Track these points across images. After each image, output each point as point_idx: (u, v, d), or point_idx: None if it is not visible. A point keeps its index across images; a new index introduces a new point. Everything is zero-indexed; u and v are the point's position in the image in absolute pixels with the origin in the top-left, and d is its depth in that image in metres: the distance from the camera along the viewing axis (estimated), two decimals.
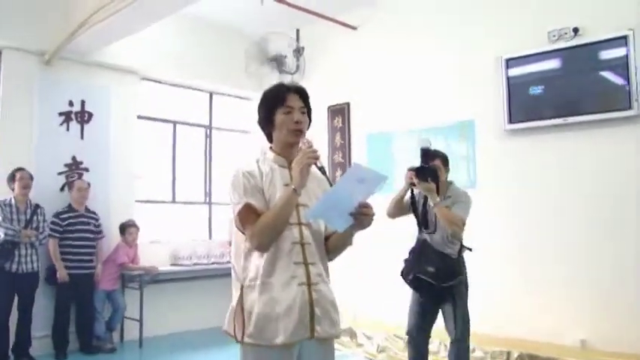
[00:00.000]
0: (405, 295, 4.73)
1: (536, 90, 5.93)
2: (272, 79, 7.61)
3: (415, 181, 4.38)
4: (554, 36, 5.84)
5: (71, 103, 7.14)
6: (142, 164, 8.03)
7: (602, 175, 5.59)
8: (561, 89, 5.82)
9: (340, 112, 7.94)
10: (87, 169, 7.18)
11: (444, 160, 4.61)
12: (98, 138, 7.35)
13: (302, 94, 2.71)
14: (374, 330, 6.76)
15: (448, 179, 4.64)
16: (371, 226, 2.52)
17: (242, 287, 2.56)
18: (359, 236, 2.65)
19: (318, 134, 7.57)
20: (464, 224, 4.39)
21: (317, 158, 2.52)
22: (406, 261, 4.62)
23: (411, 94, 7.13)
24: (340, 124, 7.92)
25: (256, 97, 8.07)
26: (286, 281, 2.49)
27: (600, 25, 5.58)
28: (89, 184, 6.98)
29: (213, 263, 8.14)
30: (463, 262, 4.54)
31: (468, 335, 4.50)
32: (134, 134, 7.80)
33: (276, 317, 2.46)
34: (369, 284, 7.28)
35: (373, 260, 7.17)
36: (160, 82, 8.34)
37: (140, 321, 7.21)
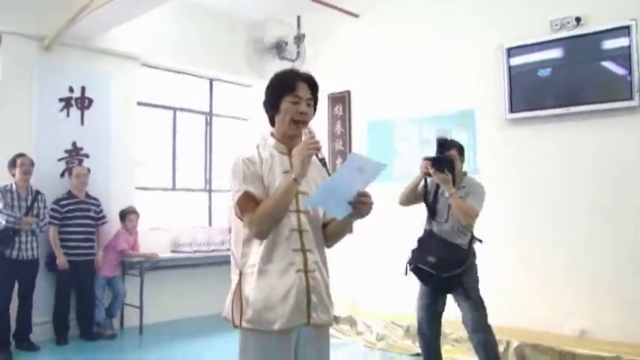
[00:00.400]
0: (404, 283, 4.77)
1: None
2: (272, 66, 7.63)
3: (431, 171, 4.40)
4: (556, 25, 5.87)
5: (71, 89, 7.17)
6: (142, 151, 8.08)
7: (603, 165, 5.63)
8: (563, 79, 5.85)
9: (341, 100, 7.97)
10: (87, 156, 7.23)
11: (460, 150, 4.63)
12: (98, 124, 7.39)
13: (312, 85, 2.74)
14: (373, 318, 6.82)
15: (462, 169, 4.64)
16: (370, 214, 2.55)
17: (241, 273, 2.60)
18: (359, 224, 2.68)
19: (318, 122, 7.56)
20: (477, 215, 4.42)
21: (319, 149, 2.54)
22: (412, 251, 4.64)
23: (411, 83, 7.16)
24: (341, 112, 7.96)
25: (257, 84, 8.10)
26: (284, 268, 2.53)
27: (603, 15, 5.61)
28: (89, 170, 7.01)
29: (213, 250, 8.18)
30: (473, 253, 4.55)
31: (487, 319, 4.47)
32: (134, 121, 7.84)
33: (274, 303, 2.50)
34: (368, 272, 7.35)
35: (373, 248, 7.23)
36: (160, 68, 8.37)
37: (140, 308, 7.27)
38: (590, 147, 5.71)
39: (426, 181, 4.63)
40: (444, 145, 4.54)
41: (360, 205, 2.52)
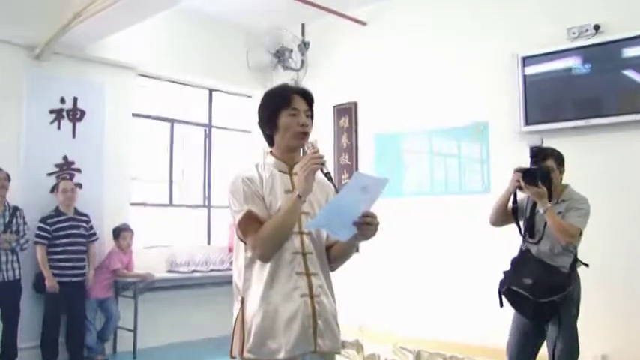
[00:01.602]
0: (414, 305, 4.70)
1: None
2: (275, 75, 7.63)
3: (522, 184, 4.11)
4: (573, 33, 5.84)
5: (63, 100, 7.15)
6: (137, 165, 8.05)
7: (627, 182, 5.57)
8: (582, 89, 5.81)
9: (347, 112, 7.93)
10: (79, 170, 7.19)
11: (558, 159, 4.35)
12: (91, 137, 7.35)
13: (307, 97, 2.73)
14: (381, 342, 6.76)
15: (563, 182, 4.39)
16: (376, 235, 2.53)
17: (242, 299, 2.59)
18: (365, 241, 2.65)
19: (323, 135, 7.58)
20: (580, 234, 4.13)
21: (323, 163, 2.53)
22: (504, 272, 4.29)
23: (421, 94, 7.12)
24: (347, 125, 7.91)
25: (258, 95, 8.05)
26: (288, 293, 2.52)
27: (623, 22, 5.57)
28: (76, 185, 6.97)
29: (211, 270, 8.12)
30: (575, 278, 4.19)
31: (577, 355, 4.12)
32: (129, 133, 7.81)
33: (278, 330, 2.49)
34: (376, 292, 7.28)
35: (381, 267, 7.19)
36: (156, 78, 8.35)
37: (134, 331, 7.21)
38: (611, 161, 5.65)
39: (515, 196, 4.33)
40: (537, 154, 4.24)
41: (365, 227, 2.51)
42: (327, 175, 2.55)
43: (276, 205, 2.57)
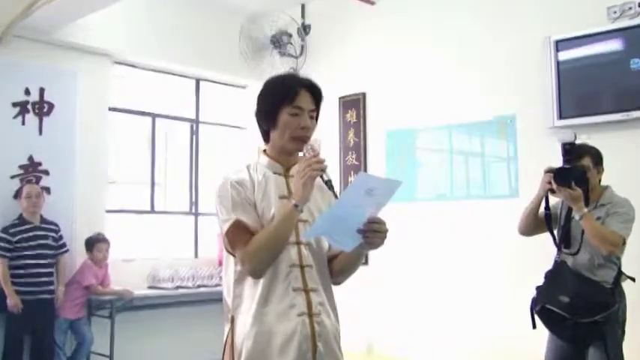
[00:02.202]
0: (432, 323, 4.68)
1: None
2: (271, 63, 7.63)
3: (554, 186, 4.07)
4: (614, 12, 5.81)
5: (27, 92, 7.14)
6: (114, 166, 8.06)
7: None
8: (623, 77, 5.77)
9: (354, 105, 7.92)
10: (47, 172, 7.17)
11: (596, 157, 4.33)
12: (61, 134, 7.33)
13: (316, 94, 2.72)
14: None
15: (603, 183, 4.38)
16: (385, 243, 2.52)
17: (233, 319, 2.59)
18: (374, 251, 2.64)
19: (327, 131, 7.56)
20: (624, 243, 4.09)
21: (323, 169, 2.52)
22: (537, 288, 4.27)
23: (439, 83, 7.11)
24: (354, 119, 7.91)
25: (252, 86, 8.02)
26: (283, 311, 2.52)
27: None
28: (43, 190, 6.96)
29: (199, 286, 8.10)
30: (620, 294, 4.14)
31: None
32: (105, 130, 7.81)
33: (272, 354, 2.48)
34: (386, 309, 7.28)
35: (391, 280, 7.20)
36: (136, 66, 8.35)
37: (110, 356, 7.18)
38: None
39: (547, 200, 4.29)
40: (571, 151, 4.19)
41: (372, 234, 2.49)
42: (328, 182, 2.54)
43: (269, 213, 2.57)
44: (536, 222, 4.34)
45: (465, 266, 6.63)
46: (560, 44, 6.09)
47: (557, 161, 6.01)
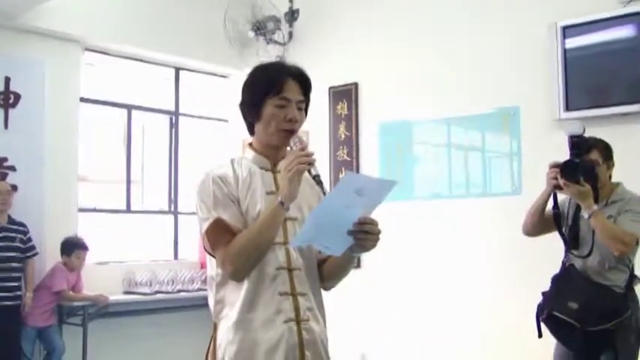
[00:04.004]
0: (430, 330, 4.68)
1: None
2: (256, 51, 7.61)
3: (561, 181, 4.04)
4: None
5: None
6: (86, 162, 8.03)
7: None
8: (635, 66, 5.78)
9: (346, 95, 7.91)
10: (13, 168, 7.14)
11: (605, 151, 4.32)
12: (28, 127, 7.30)
13: (304, 83, 2.72)
14: None
15: (613, 179, 4.37)
16: (378, 245, 2.52)
17: (215, 325, 2.61)
18: (368, 254, 2.64)
19: (317, 124, 7.56)
20: (637, 243, 4.05)
21: (311, 163, 2.52)
22: (544, 294, 4.27)
23: (437, 73, 7.10)
24: (345, 111, 7.90)
25: (235, 75, 8.01)
26: (269, 317, 2.52)
27: None
28: (12, 187, 6.94)
29: (179, 291, 8.07)
30: (633, 300, 4.13)
31: None
32: (76, 122, 7.79)
33: None
34: (381, 317, 7.27)
35: (387, 285, 7.21)
36: (109, 54, 8.33)
37: None
38: None
39: (555, 197, 4.28)
40: (579, 144, 4.14)
41: (363, 236, 2.48)
42: (316, 178, 2.55)
43: (254, 210, 2.58)
44: (542, 221, 4.33)
45: (465, 269, 6.64)
46: (567, 30, 6.08)
47: (564, 156, 6.03)
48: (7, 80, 7.21)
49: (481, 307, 6.46)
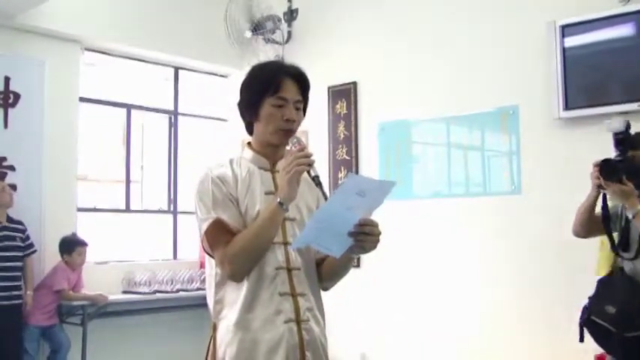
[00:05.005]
0: (432, 330, 4.67)
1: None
2: (255, 49, 7.61)
3: (601, 181, 3.92)
4: None
5: None
6: (86, 162, 8.02)
7: None
8: (635, 65, 5.77)
9: (345, 95, 7.90)
10: (12, 168, 7.13)
11: None
12: (28, 127, 7.30)
13: (302, 83, 2.72)
14: None
15: None
16: (378, 246, 2.52)
17: (215, 325, 2.62)
18: (368, 254, 2.63)
19: (316, 123, 7.60)
20: None
21: (310, 164, 2.53)
22: (590, 298, 4.12)
23: (437, 72, 7.09)
24: (345, 110, 7.89)
25: (235, 74, 8.01)
26: (269, 318, 2.53)
27: None
28: (11, 187, 6.94)
29: (178, 291, 8.05)
30: None
31: None
32: (76, 122, 7.78)
33: None
34: (381, 317, 7.26)
35: (387, 284, 7.21)
36: (109, 54, 8.32)
37: None
38: None
39: (605, 198, 4.12)
40: (625, 141, 4.00)
41: (363, 237, 2.48)
42: (316, 179, 2.56)
43: (253, 210, 2.58)
44: (591, 222, 4.17)
45: (464, 268, 6.62)
46: (566, 29, 6.06)
47: (564, 156, 6.04)
48: (7, 80, 7.20)
49: (480, 306, 6.45)
